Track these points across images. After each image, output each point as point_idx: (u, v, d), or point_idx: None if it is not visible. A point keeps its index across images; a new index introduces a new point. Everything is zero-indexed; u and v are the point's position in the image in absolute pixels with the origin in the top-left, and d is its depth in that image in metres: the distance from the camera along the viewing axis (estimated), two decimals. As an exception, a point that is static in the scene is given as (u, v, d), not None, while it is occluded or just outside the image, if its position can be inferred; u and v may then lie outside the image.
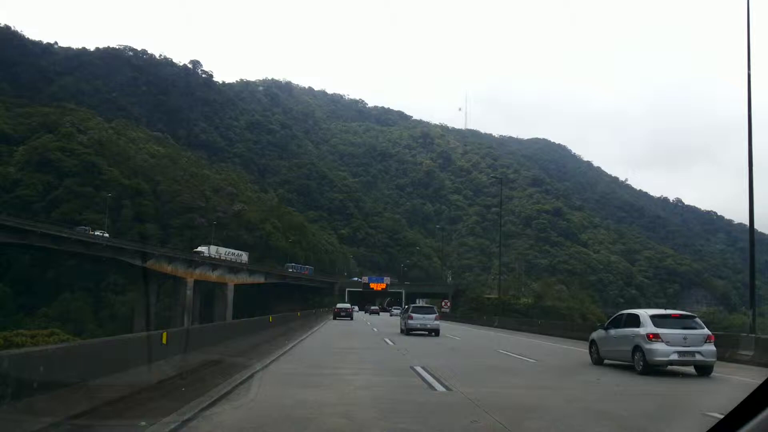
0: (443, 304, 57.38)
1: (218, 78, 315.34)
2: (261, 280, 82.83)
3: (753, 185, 20.59)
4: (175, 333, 11.27)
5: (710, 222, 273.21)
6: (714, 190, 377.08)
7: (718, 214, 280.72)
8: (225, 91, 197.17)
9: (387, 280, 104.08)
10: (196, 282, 69.51)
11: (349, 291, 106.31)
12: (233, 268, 78.75)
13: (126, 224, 76.50)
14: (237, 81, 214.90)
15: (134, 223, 75.98)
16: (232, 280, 78.51)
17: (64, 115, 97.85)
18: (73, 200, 78.15)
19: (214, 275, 75.03)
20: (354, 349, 18.96)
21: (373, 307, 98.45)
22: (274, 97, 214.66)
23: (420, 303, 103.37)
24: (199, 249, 76.27)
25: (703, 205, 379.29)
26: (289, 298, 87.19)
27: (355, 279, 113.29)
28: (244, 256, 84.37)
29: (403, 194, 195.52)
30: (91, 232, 62.78)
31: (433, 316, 29.82)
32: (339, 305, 57.85)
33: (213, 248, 78.69)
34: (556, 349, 23.78)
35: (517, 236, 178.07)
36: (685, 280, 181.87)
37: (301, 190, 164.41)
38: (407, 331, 29.23)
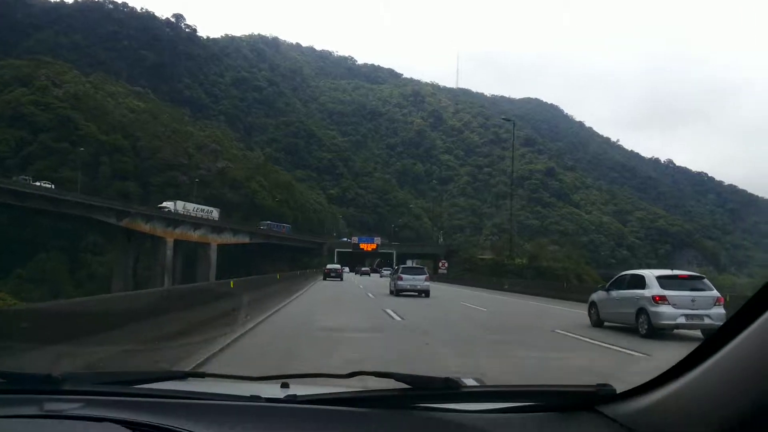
0: (441, 264, 54.00)
1: (203, 33, 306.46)
2: (246, 240, 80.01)
3: None
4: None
5: (701, 183, 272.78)
6: (705, 151, 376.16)
7: (709, 175, 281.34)
8: (209, 46, 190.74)
9: (377, 240, 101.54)
10: (177, 242, 66.49)
11: (338, 252, 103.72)
12: (216, 227, 75.63)
13: (104, 182, 72.94)
14: (222, 36, 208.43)
15: (113, 180, 72.39)
16: (215, 239, 75.40)
17: (39, 68, 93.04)
18: (48, 157, 74.32)
19: (195, 235, 71.80)
20: (346, 332, 13.26)
21: (363, 268, 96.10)
22: (261, 53, 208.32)
23: (411, 264, 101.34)
24: (164, 205, 70.90)
25: (694, 166, 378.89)
26: (275, 259, 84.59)
27: (345, 239, 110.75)
28: (215, 213, 79.39)
29: (394, 154, 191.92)
30: (31, 183, 58.99)
31: (423, 276, 29.34)
32: (329, 266, 58.57)
33: (180, 204, 73.55)
34: (549, 311, 22.31)
35: (509, 196, 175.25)
36: (677, 240, 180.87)
37: (289, 148, 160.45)
38: (396, 292, 28.66)
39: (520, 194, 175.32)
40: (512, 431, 1.61)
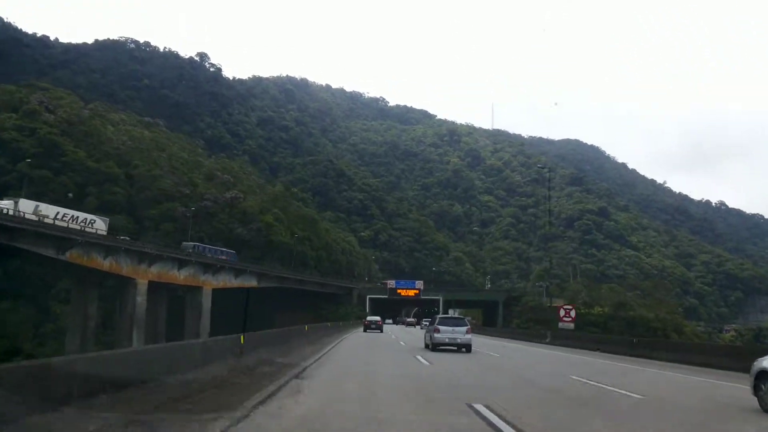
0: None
1: (228, 74, 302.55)
2: (253, 283, 65.52)
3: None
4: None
5: (757, 225, 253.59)
6: (757, 192, 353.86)
7: (765, 217, 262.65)
8: (235, 86, 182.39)
9: (419, 284, 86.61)
10: (156, 284, 52.51)
11: (371, 299, 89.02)
12: (211, 266, 61.13)
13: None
14: (249, 78, 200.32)
15: (99, 213, 59.99)
16: (209, 282, 60.88)
17: (33, 93, 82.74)
18: (26, 186, 62.36)
19: (180, 275, 56.70)
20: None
21: (408, 319, 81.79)
22: (289, 93, 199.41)
23: (452, 313, 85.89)
24: (2, 204, 46.93)
25: (748, 208, 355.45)
26: (293, 307, 70.51)
27: (379, 284, 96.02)
28: (100, 223, 53.68)
29: (429, 195, 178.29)
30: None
31: (465, 328, 25.70)
32: (369, 318, 56.50)
33: (28, 203, 48.63)
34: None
35: (558, 238, 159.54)
36: (748, 287, 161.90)
37: (317, 189, 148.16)
38: (433, 346, 25.25)
39: (570, 236, 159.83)
40: None
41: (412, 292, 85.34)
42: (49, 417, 6.01)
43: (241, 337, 13.46)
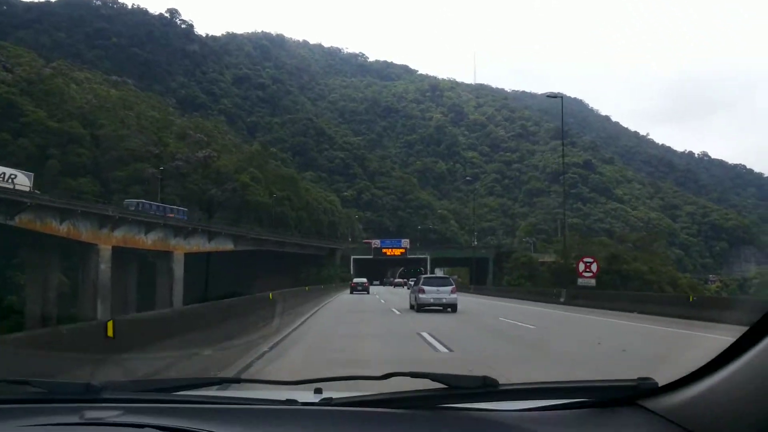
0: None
1: (201, 31, 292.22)
2: (228, 246, 62.12)
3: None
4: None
5: (739, 176, 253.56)
6: (740, 143, 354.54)
7: (747, 167, 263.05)
8: (208, 43, 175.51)
9: (405, 243, 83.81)
10: (123, 250, 49.03)
11: (355, 259, 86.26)
12: (182, 229, 56.55)
13: (51, 178, 56.50)
14: (223, 34, 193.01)
15: (62, 177, 56.03)
16: (181, 246, 56.23)
17: (-13, 51, 77.44)
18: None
19: (148, 240, 52.31)
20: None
21: (396, 279, 79.31)
22: (265, 50, 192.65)
23: (439, 273, 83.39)
24: None
25: (731, 158, 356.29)
26: (272, 271, 67.48)
27: (363, 242, 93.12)
28: (22, 178, 46.95)
29: (412, 152, 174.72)
30: None
31: (450, 288, 24.73)
32: (355, 280, 56.86)
33: None
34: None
35: (544, 193, 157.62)
36: (733, 236, 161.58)
37: (297, 148, 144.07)
38: (418, 307, 24.23)
39: (556, 190, 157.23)
40: (552, 429, 1.56)
41: (398, 252, 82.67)
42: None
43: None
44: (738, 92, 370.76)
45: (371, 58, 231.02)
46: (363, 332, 16.21)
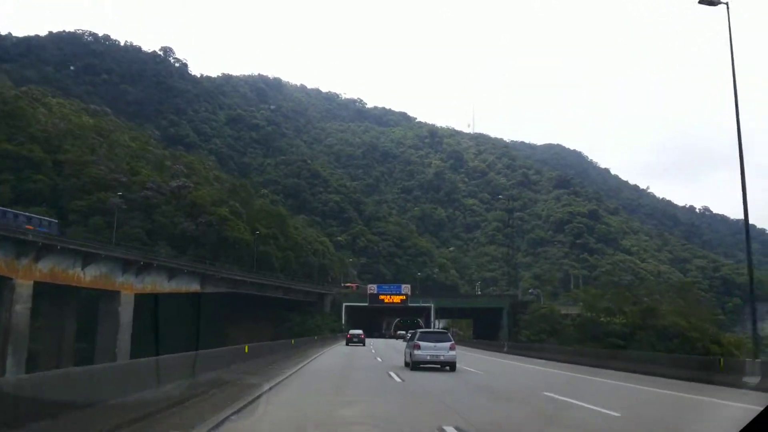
0: None
1: (196, 71, 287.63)
2: (194, 287, 53.23)
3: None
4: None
5: (742, 231, 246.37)
6: (739, 198, 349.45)
7: (750, 222, 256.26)
8: (202, 83, 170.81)
9: (405, 289, 75.56)
10: (58, 288, 40.89)
11: (348, 307, 78.07)
12: (132, 263, 45.81)
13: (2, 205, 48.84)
14: (218, 75, 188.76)
15: (11, 205, 48.34)
16: (129, 285, 46.08)
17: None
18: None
19: (85, 275, 42.36)
20: None
21: (400, 332, 71.77)
22: (261, 92, 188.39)
23: (439, 325, 74.79)
24: None
25: (732, 213, 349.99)
26: (249, 317, 59.23)
27: (357, 288, 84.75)
28: None
29: (410, 198, 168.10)
30: None
31: (448, 344, 22.82)
32: (352, 331, 54.38)
33: None
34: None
35: (548, 243, 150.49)
36: (745, 293, 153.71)
37: (289, 190, 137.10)
38: (413, 364, 22.67)
39: (561, 240, 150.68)
40: None
41: (397, 299, 74.33)
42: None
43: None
44: (735, 147, 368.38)
45: (369, 105, 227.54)
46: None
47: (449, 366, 22.74)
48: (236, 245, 68.47)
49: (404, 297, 74.02)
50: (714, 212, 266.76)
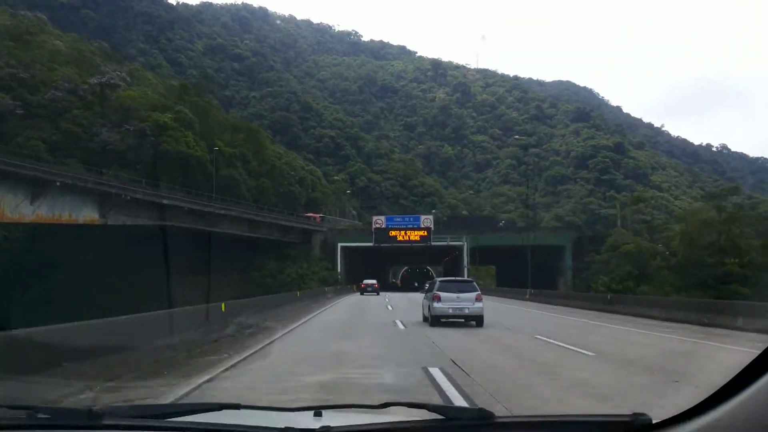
0: None
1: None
2: (90, 215, 36.85)
3: None
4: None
5: (762, 169, 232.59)
6: (756, 135, 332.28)
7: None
8: (177, 8, 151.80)
9: (426, 221, 59.27)
10: None
11: (345, 248, 62.45)
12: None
13: None
14: (197, 3, 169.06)
15: None
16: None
17: None
18: None
19: None
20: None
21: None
22: (244, 22, 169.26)
23: (465, 273, 59.08)
24: None
25: (751, 151, 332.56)
26: (209, 266, 43.32)
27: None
28: None
29: (413, 135, 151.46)
30: None
31: (473, 294, 19.84)
32: (366, 281, 47.00)
33: None
34: None
35: (569, 180, 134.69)
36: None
37: (278, 125, 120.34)
38: (433, 319, 19.90)
39: (584, 177, 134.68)
40: None
41: (415, 235, 58.01)
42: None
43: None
44: (749, 85, 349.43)
45: (365, 38, 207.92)
46: None
47: (475, 320, 19.85)
48: (184, 165, 52.01)
49: (424, 233, 57.54)
50: (732, 150, 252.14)
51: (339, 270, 60.33)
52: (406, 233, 58.24)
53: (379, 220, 60.89)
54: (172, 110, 57.23)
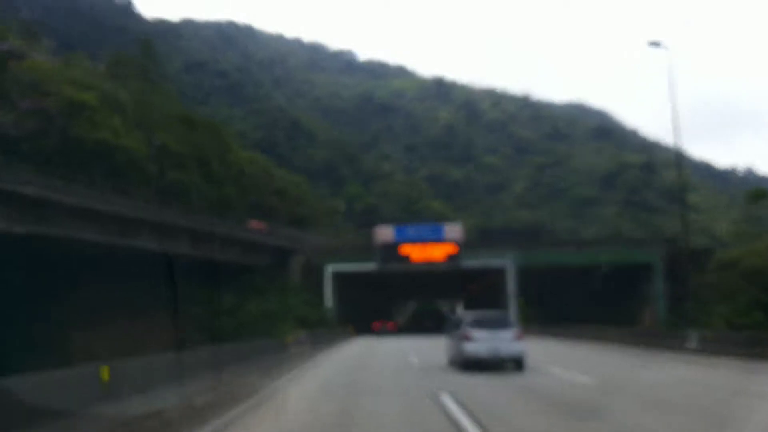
0: None
1: (147, 13, 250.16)
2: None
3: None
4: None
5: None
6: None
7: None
8: (155, 25, 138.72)
9: (453, 233, 43.12)
10: None
11: (337, 274, 47.30)
12: None
13: None
14: (178, 21, 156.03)
15: None
16: None
17: None
18: None
19: None
20: None
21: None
22: (230, 39, 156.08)
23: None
24: None
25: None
26: (137, 304, 27.69)
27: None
28: None
29: (416, 157, 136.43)
30: None
31: (510, 332, 17.22)
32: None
33: None
34: None
35: (594, 203, 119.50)
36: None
37: (264, 144, 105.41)
38: (464, 362, 17.07)
39: (611, 197, 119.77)
40: None
41: (438, 253, 41.53)
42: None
43: None
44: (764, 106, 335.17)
45: (361, 57, 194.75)
46: None
47: (516, 363, 16.93)
48: (107, 160, 36.92)
49: (452, 250, 41.02)
50: (758, 175, 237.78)
51: (330, 302, 44.58)
52: (423, 249, 41.94)
53: (386, 233, 44.56)
54: (99, 89, 42.71)
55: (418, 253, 42.53)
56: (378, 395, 13.12)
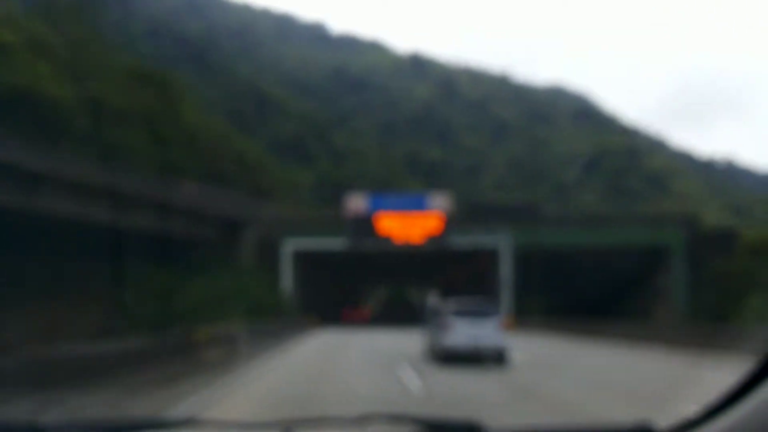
0: None
1: None
2: None
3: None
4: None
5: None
6: (760, 148, 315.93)
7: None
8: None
9: (441, 203, 36.53)
10: None
11: (299, 254, 40.39)
12: None
13: None
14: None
15: None
16: None
17: None
18: None
19: None
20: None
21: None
22: (194, 6, 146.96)
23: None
24: None
25: (755, 167, 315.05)
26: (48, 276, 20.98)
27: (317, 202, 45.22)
28: None
29: (393, 136, 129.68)
30: None
31: (493, 321, 16.37)
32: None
33: None
34: None
35: (575, 187, 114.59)
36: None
37: (231, 117, 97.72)
38: (443, 354, 16.17)
39: (593, 182, 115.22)
40: None
41: (420, 227, 34.75)
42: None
43: None
44: (747, 94, 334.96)
45: (334, 31, 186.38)
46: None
47: (498, 355, 15.88)
48: (29, 109, 30.10)
49: (438, 222, 34.27)
50: (737, 165, 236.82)
51: (287, 284, 38.07)
52: (404, 221, 34.77)
53: (357, 203, 37.38)
54: (26, 32, 35.65)
55: (396, 225, 35.40)
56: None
